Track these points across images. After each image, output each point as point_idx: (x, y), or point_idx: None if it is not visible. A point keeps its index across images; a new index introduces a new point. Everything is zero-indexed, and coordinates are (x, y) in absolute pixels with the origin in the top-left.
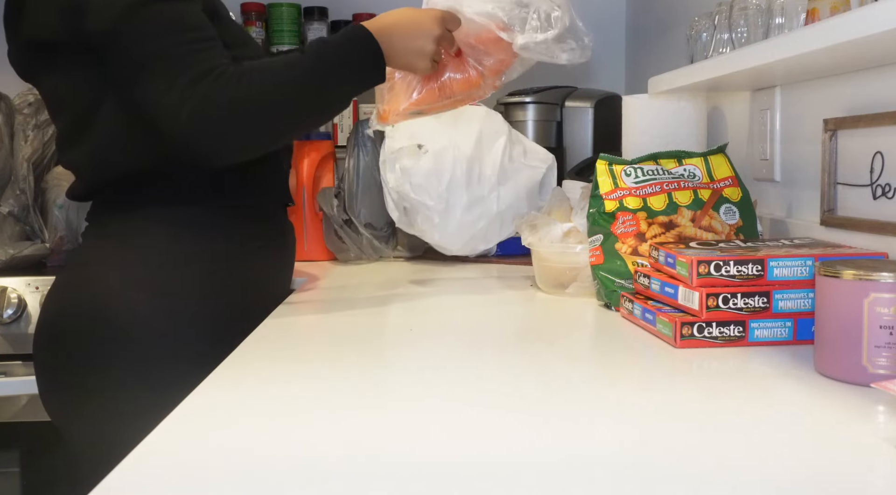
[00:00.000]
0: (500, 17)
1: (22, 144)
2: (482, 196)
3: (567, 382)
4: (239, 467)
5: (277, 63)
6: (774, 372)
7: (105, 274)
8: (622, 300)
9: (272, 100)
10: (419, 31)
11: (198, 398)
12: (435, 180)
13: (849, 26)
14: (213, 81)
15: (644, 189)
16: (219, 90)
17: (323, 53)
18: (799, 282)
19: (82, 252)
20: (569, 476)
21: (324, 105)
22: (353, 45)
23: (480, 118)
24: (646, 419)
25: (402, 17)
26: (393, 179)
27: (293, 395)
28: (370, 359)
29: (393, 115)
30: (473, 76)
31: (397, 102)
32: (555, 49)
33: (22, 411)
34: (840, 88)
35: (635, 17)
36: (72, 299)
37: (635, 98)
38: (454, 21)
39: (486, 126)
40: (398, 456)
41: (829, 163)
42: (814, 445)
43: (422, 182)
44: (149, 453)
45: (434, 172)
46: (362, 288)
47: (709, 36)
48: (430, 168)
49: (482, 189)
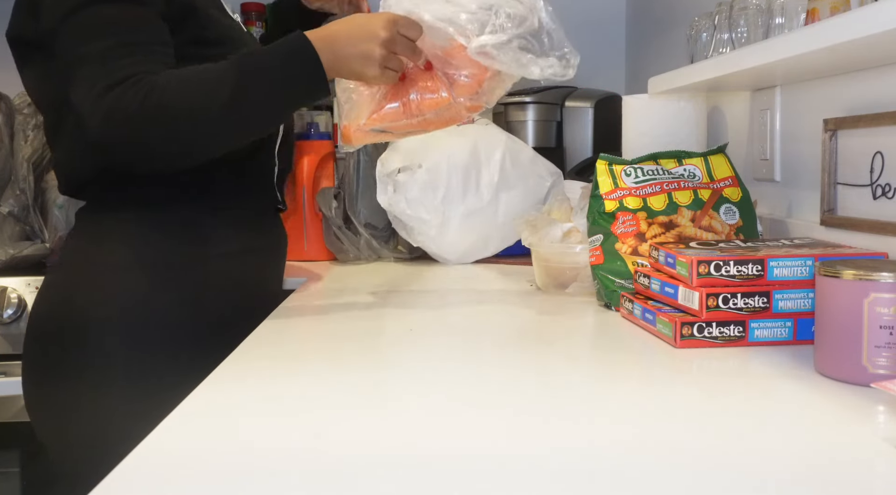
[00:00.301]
0: (461, 21)
1: (22, 144)
2: (480, 206)
3: (567, 382)
4: (239, 467)
5: (202, 73)
6: (774, 372)
7: (89, 274)
8: (622, 300)
9: (185, 112)
10: (364, 35)
11: (198, 398)
12: (430, 193)
13: (849, 26)
14: (125, 90)
15: (644, 189)
16: (129, 100)
17: (251, 63)
18: (799, 282)
19: (68, 250)
20: (569, 475)
21: (249, 116)
22: (286, 54)
23: (475, 130)
24: (646, 419)
25: (349, 22)
26: (386, 201)
27: (293, 395)
28: (370, 358)
29: (354, 131)
30: (443, 95)
31: (358, 118)
32: (521, 57)
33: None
34: (840, 88)
35: (635, 16)
36: (56, 299)
37: (635, 98)
38: (413, 27)
39: (482, 137)
40: (398, 456)
41: (829, 163)
42: (814, 445)
43: (417, 196)
44: (149, 453)
45: (429, 186)
46: (362, 288)
47: (709, 36)
48: (425, 181)
49: (480, 199)
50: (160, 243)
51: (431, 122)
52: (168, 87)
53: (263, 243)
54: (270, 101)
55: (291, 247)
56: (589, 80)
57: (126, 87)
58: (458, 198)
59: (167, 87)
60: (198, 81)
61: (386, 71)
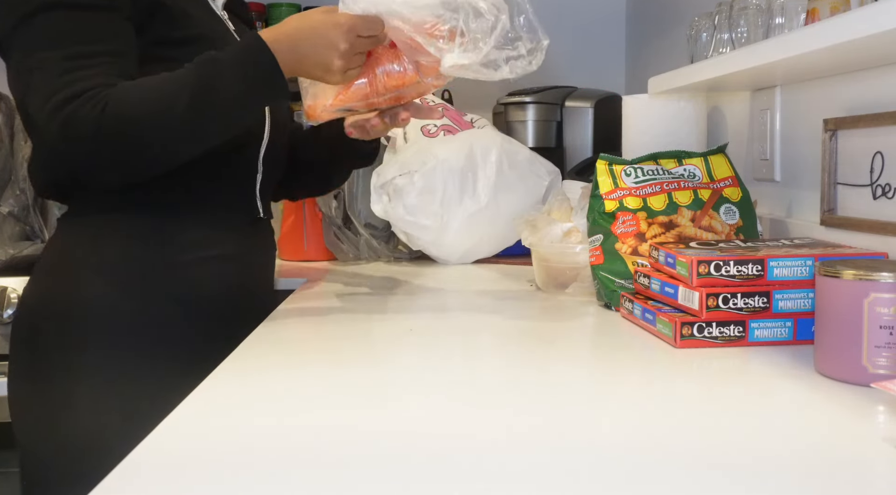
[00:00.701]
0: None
1: (22, 144)
2: (479, 208)
3: (567, 382)
4: (239, 466)
5: (160, 82)
6: (774, 372)
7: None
8: (622, 300)
9: (144, 122)
10: (324, 44)
11: (197, 398)
12: (428, 198)
13: (849, 26)
14: (82, 104)
15: (644, 189)
16: (86, 114)
17: (208, 69)
18: (799, 282)
19: (47, 253)
20: (569, 475)
21: (209, 122)
22: (244, 59)
23: (470, 134)
24: (646, 419)
25: (307, 23)
26: (381, 210)
27: (293, 395)
28: (370, 358)
29: (321, 111)
30: (409, 71)
31: (324, 97)
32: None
33: None
34: (840, 88)
35: (635, 16)
36: (37, 301)
37: (635, 98)
38: (373, 26)
39: (477, 140)
40: (398, 455)
41: (829, 163)
42: (814, 445)
43: (415, 202)
44: (148, 452)
45: (426, 191)
46: (362, 288)
47: (709, 36)
48: (422, 187)
49: (478, 201)
50: (139, 247)
51: (399, 97)
52: (125, 98)
53: (244, 250)
54: (229, 105)
55: (291, 247)
56: (589, 80)
57: (83, 101)
58: (456, 202)
59: (124, 98)
60: (156, 90)
61: (347, 73)
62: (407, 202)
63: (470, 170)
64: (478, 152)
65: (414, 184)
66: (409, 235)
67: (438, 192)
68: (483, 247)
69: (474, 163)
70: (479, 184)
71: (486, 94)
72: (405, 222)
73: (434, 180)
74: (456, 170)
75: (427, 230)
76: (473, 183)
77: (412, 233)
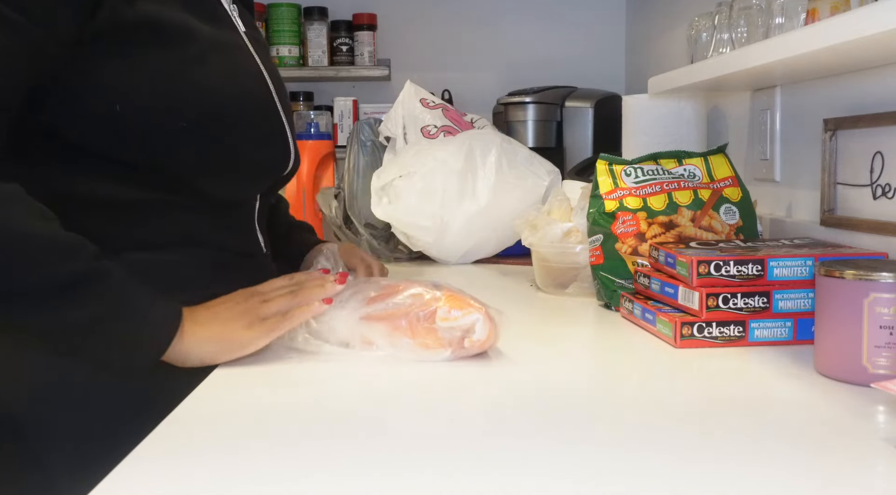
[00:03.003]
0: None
1: None
2: (478, 209)
3: (567, 382)
4: (239, 465)
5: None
6: (774, 372)
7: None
8: (622, 300)
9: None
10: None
11: (196, 397)
12: (428, 200)
13: (849, 26)
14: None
15: (644, 189)
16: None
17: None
18: (799, 282)
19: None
20: (569, 475)
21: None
22: (144, 300)
23: (469, 135)
24: (646, 419)
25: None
26: (381, 212)
27: (293, 395)
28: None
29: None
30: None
31: None
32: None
33: None
34: (840, 88)
35: (635, 16)
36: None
37: (635, 98)
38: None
39: (476, 141)
40: (399, 455)
41: (829, 163)
42: (813, 445)
43: (415, 204)
44: (148, 452)
45: (426, 193)
46: None
47: (709, 36)
48: (421, 189)
49: (477, 202)
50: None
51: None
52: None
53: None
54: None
55: None
56: (589, 80)
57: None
58: (456, 203)
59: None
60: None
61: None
62: (407, 203)
63: (469, 170)
64: (477, 153)
65: (414, 186)
66: (410, 236)
67: (438, 193)
68: (483, 248)
69: (474, 164)
70: (479, 185)
71: (487, 94)
72: (405, 223)
73: (434, 181)
74: (455, 171)
75: (427, 231)
76: (473, 183)
77: (412, 233)
